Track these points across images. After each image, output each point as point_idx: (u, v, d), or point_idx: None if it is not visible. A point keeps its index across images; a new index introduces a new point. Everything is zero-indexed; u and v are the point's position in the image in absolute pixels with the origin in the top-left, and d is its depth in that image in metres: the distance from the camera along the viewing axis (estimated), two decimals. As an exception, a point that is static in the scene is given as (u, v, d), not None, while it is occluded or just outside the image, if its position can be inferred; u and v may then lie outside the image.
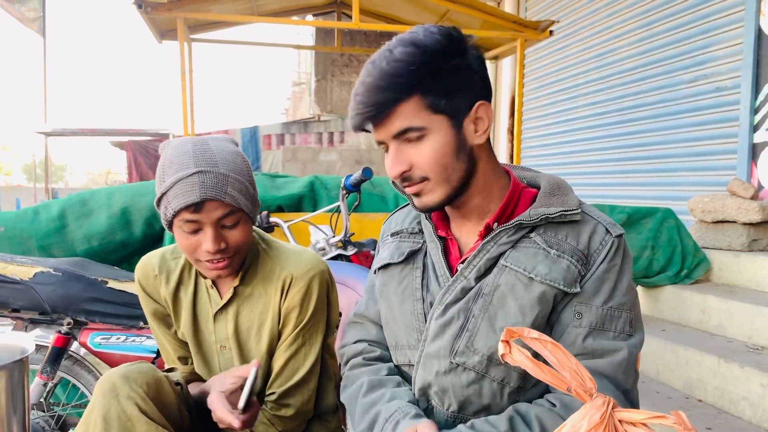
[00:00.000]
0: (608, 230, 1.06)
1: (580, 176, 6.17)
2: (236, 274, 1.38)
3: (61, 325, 2.12)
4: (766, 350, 2.73)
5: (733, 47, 4.20)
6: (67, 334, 2.10)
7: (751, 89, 3.98)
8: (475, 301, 1.06)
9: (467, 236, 1.14)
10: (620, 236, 1.06)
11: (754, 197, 3.51)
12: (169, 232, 1.33)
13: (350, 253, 2.36)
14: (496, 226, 1.08)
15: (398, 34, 1.08)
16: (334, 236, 2.42)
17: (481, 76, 1.06)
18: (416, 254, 1.18)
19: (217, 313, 1.41)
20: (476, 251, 1.08)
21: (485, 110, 1.07)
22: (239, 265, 1.35)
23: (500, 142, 7.85)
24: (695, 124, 4.62)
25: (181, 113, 4.44)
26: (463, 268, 1.09)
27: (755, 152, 3.98)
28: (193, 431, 1.37)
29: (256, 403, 1.28)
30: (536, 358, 0.73)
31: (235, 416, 1.20)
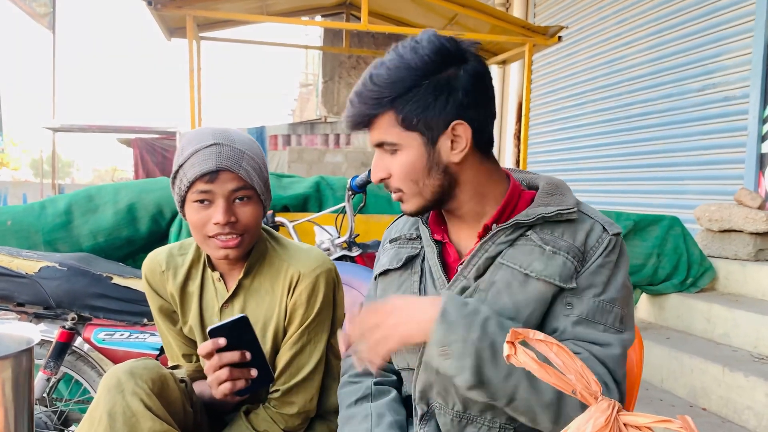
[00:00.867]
0: (605, 228, 1.06)
1: (586, 182, 6.15)
2: (242, 263, 1.39)
3: (65, 320, 2.12)
4: (770, 360, 2.72)
5: (742, 57, 4.19)
6: (71, 329, 2.11)
7: (760, 99, 3.97)
8: (471, 297, 1.06)
9: (466, 239, 1.14)
10: (617, 235, 1.06)
11: (761, 207, 3.49)
12: (180, 214, 1.34)
13: (355, 254, 2.36)
14: (495, 226, 1.09)
15: (406, 36, 1.08)
16: (339, 237, 2.42)
17: (468, 91, 1.03)
18: (414, 259, 1.19)
19: (223, 306, 1.41)
20: (475, 251, 1.08)
21: (462, 130, 1.04)
22: (247, 249, 1.36)
23: (507, 147, 7.83)
24: (703, 132, 4.60)
25: (188, 111, 4.45)
26: (462, 268, 1.09)
27: (763, 162, 3.96)
28: (197, 429, 1.37)
29: (239, 352, 1.27)
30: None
31: (202, 345, 1.26)
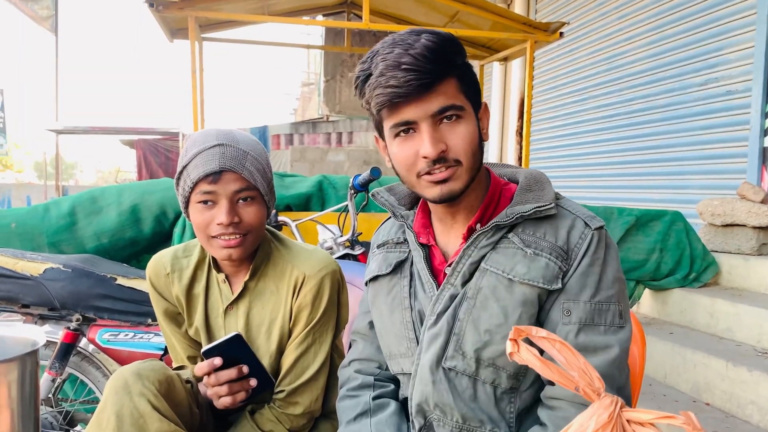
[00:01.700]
0: (587, 224, 1.04)
1: (589, 178, 6.15)
2: (247, 265, 1.39)
3: (70, 321, 2.13)
4: (775, 355, 2.71)
5: (744, 50, 4.17)
6: (75, 330, 2.12)
7: (762, 93, 3.96)
8: (460, 305, 1.06)
9: (453, 240, 1.13)
10: (600, 228, 1.04)
11: (764, 201, 3.49)
12: (184, 214, 1.35)
13: (357, 252, 2.37)
14: (479, 227, 1.08)
15: None
16: (341, 236, 2.42)
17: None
18: (403, 264, 1.18)
19: (227, 308, 1.42)
20: (458, 257, 1.07)
21: (487, 111, 1.09)
22: (251, 250, 1.36)
23: (509, 143, 7.82)
24: (705, 127, 4.59)
25: (191, 112, 4.46)
26: (449, 275, 1.08)
27: (765, 156, 3.95)
28: (203, 429, 1.38)
29: (236, 369, 1.29)
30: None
31: (198, 366, 1.27)
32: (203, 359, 1.29)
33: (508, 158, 7.86)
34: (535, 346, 0.73)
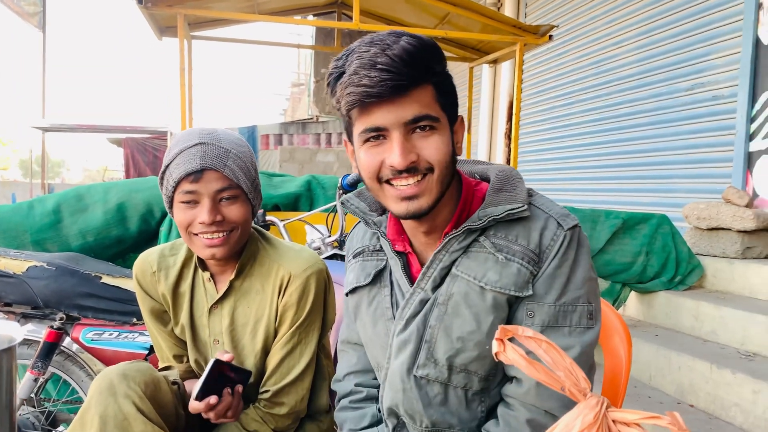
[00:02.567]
0: (560, 224, 1.01)
1: (576, 181, 6.18)
2: (234, 263, 1.38)
3: (53, 320, 2.11)
4: (758, 357, 2.74)
5: (730, 56, 4.21)
6: (59, 329, 2.09)
7: (747, 98, 4.00)
8: (431, 311, 1.05)
9: (431, 247, 1.09)
10: (574, 227, 1.01)
11: (748, 205, 3.52)
12: (169, 214, 1.34)
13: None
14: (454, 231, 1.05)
15: None
16: (329, 236, 2.42)
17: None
18: (382, 273, 1.14)
19: (212, 307, 1.41)
20: (429, 262, 1.05)
21: (462, 123, 1.04)
22: (236, 248, 1.35)
23: (497, 146, 7.85)
24: (692, 131, 4.63)
25: (179, 111, 4.43)
26: (419, 279, 1.06)
27: (751, 161, 3.99)
28: (188, 429, 1.37)
29: (227, 394, 1.26)
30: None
31: (191, 403, 1.22)
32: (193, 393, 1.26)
33: (496, 161, 7.89)
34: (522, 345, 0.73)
